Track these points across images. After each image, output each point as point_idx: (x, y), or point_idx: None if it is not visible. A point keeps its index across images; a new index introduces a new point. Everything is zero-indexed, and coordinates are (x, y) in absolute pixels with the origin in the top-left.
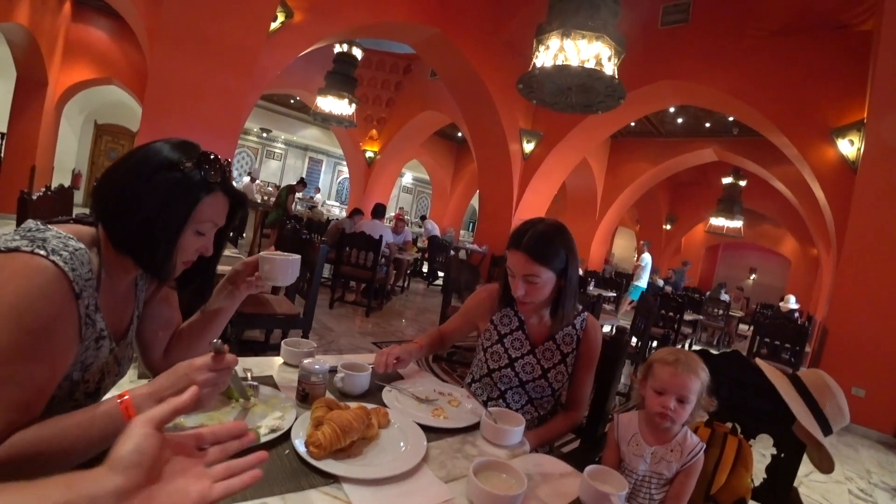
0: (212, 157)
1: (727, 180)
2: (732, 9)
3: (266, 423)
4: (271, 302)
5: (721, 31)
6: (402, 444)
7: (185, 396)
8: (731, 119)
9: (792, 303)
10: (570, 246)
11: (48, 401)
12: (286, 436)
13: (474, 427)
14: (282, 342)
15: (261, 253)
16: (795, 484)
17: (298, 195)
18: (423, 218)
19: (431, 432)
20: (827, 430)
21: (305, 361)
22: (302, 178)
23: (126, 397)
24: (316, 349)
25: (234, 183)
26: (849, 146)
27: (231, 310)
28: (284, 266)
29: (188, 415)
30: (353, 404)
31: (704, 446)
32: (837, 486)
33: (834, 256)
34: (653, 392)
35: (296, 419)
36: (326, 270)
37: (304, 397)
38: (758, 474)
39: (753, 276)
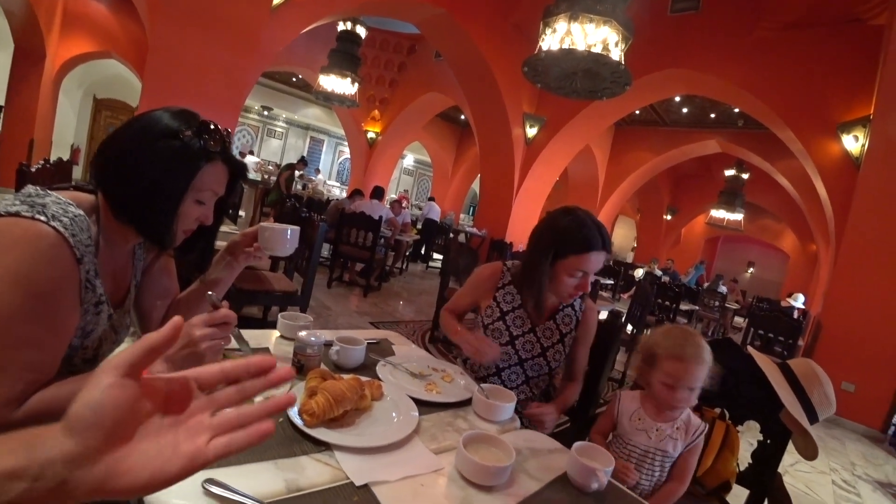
0: (212, 126)
1: (730, 172)
2: None
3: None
4: (269, 279)
5: (731, 21)
6: (394, 415)
7: (164, 329)
8: (736, 111)
9: (800, 302)
10: None
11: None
12: None
13: (466, 402)
14: (279, 315)
15: (260, 223)
16: (781, 473)
17: (298, 174)
18: (431, 199)
19: (424, 406)
20: (813, 417)
21: (301, 333)
22: (303, 157)
23: None
24: (312, 323)
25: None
26: (853, 142)
27: (229, 280)
28: (283, 235)
29: None
30: (347, 376)
31: (707, 427)
32: (822, 476)
33: (832, 253)
34: (662, 385)
35: (290, 388)
36: (326, 250)
37: (300, 368)
38: (743, 460)
39: (751, 269)
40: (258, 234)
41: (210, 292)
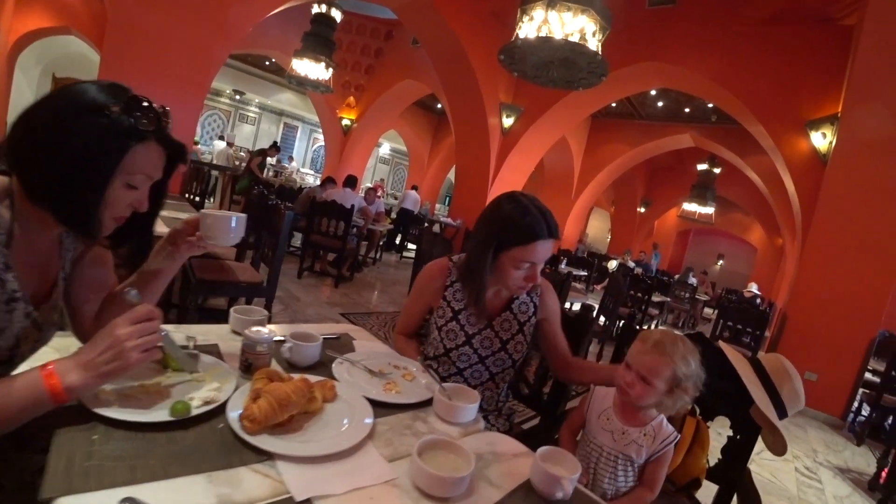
0: (145, 102)
1: (702, 166)
2: None
3: (200, 395)
4: (234, 269)
5: (708, 15)
6: (345, 420)
7: None
8: (710, 106)
9: (754, 289)
10: None
11: None
12: (223, 408)
13: (427, 403)
14: (230, 309)
15: (202, 210)
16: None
17: (271, 160)
18: (414, 188)
19: (381, 407)
20: (782, 413)
21: (250, 330)
22: (275, 142)
23: (50, 367)
24: (268, 317)
25: (169, 131)
26: (821, 139)
27: (170, 272)
28: (226, 223)
29: (118, 381)
30: (297, 375)
31: (678, 437)
32: (785, 464)
33: (798, 246)
34: (623, 364)
35: (235, 391)
36: (298, 240)
37: (248, 368)
38: (712, 454)
39: (721, 262)
40: (200, 222)
41: (129, 289)
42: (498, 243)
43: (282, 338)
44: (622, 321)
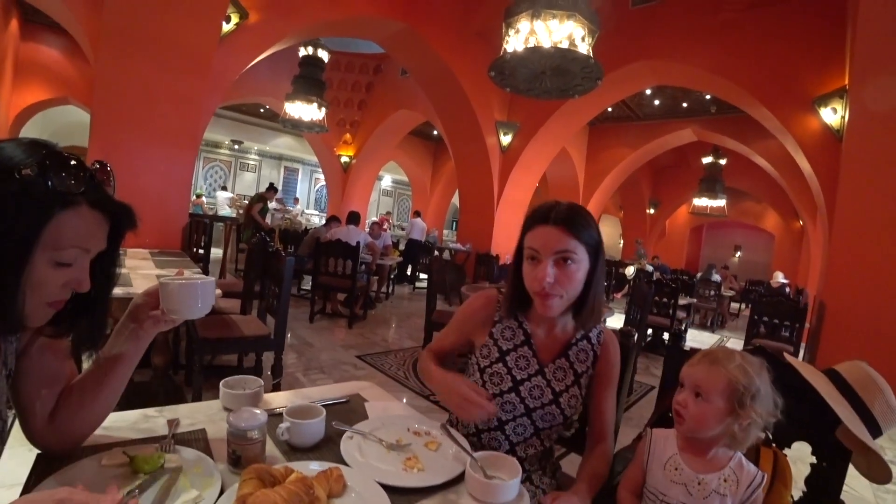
0: (72, 160)
1: (707, 160)
2: None
3: None
4: (238, 323)
5: (694, 7)
6: None
7: None
8: (708, 97)
9: (780, 278)
10: (597, 224)
11: None
12: None
13: (457, 480)
14: (220, 383)
15: (160, 279)
16: None
17: (272, 205)
18: (416, 215)
19: (402, 494)
20: (876, 431)
21: (233, 416)
22: (271, 184)
23: None
24: (263, 388)
25: (109, 191)
26: (832, 114)
27: (136, 355)
28: (188, 292)
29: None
30: (299, 464)
31: (766, 477)
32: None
33: (824, 228)
34: (678, 387)
35: (219, 497)
36: (308, 282)
37: (237, 461)
38: (795, 486)
39: (739, 253)
40: (160, 293)
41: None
42: (520, 243)
43: (280, 408)
44: (650, 330)
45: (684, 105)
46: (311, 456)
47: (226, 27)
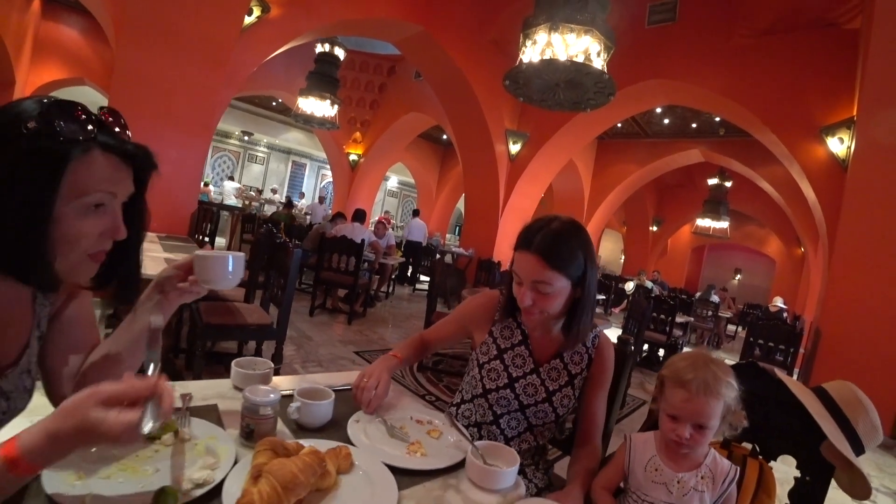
0: (78, 108)
1: (713, 181)
2: (719, 8)
3: (191, 476)
4: (242, 311)
5: (708, 30)
6: (366, 495)
7: None
8: (717, 119)
9: (780, 303)
10: (589, 249)
11: None
12: (217, 490)
13: (458, 466)
14: (232, 362)
15: (196, 251)
16: None
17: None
18: (415, 213)
19: (405, 475)
20: (859, 449)
21: (250, 391)
22: (288, 198)
23: (12, 442)
24: (273, 369)
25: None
26: (838, 144)
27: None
28: (223, 264)
29: (89, 459)
30: (308, 442)
31: (738, 470)
32: (837, 491)
33: (824, 256)
34: (665, 416)
35: (234, 465)
36: (309, 277)
37: (249, 434)
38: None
39: (738, 276)
40: (194, 265)
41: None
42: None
43: (289, 391)
44: (646, 345)
45: (693, 125)
46: (318, 436)
47: (247, 20)
